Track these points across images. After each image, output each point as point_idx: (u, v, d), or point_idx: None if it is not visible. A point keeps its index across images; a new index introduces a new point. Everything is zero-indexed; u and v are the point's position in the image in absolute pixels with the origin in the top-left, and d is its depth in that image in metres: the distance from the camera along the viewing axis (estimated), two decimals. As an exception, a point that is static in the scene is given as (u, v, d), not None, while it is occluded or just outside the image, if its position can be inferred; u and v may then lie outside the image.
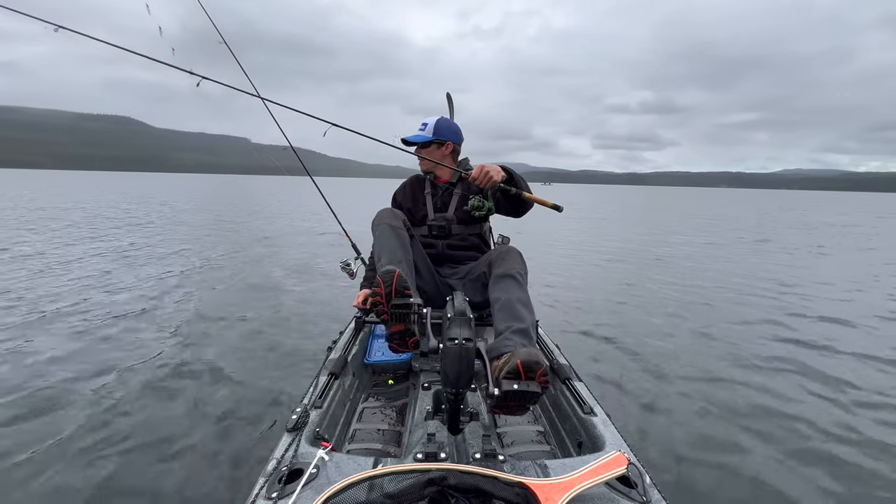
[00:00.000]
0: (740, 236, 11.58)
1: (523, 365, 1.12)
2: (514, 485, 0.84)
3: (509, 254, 1.63)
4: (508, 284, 1.54)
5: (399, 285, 1.25)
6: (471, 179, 1.67)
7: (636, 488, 0.90)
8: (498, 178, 1.64)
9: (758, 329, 3.82)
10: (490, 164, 1.65)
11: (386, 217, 1.71)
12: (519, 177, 1.73)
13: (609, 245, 9.27)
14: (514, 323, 1.40)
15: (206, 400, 2.33)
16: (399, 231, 1.68)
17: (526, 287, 1.57)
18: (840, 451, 2.04)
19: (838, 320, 4.12)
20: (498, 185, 1.64)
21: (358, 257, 2.58)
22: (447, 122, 2.00)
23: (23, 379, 2.47)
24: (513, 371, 1.12)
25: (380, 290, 1.25)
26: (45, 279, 4.65)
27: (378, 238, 1.68)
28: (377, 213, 1.77)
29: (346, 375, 1.56)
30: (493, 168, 1.64)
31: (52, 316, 3.53)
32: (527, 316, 1.44)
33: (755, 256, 8.09)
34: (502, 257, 1.62)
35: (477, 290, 1.77)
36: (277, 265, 5.93)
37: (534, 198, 1.68)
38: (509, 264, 1.58)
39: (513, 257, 1.61)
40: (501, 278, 1.56)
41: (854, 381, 2.76)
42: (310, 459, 0.94)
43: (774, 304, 4.66)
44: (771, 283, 5.73)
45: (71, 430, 2.01)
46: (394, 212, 1.77)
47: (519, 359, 1.12)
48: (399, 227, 1.69)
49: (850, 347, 3.38)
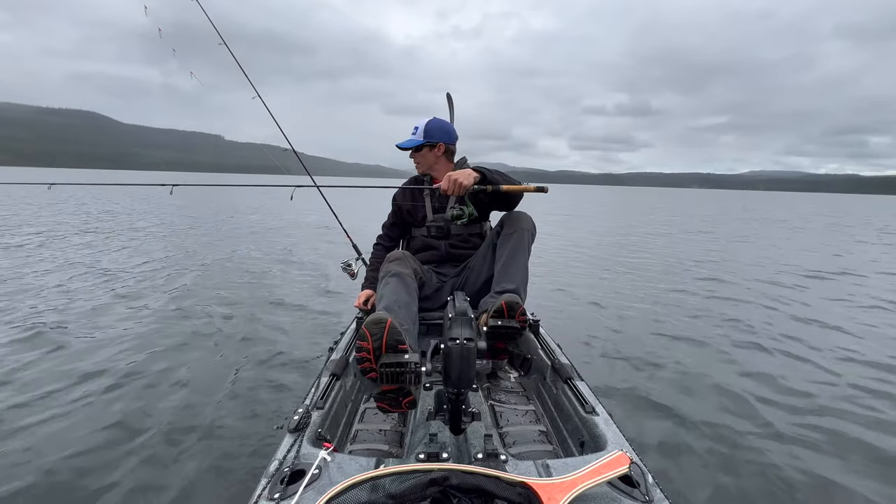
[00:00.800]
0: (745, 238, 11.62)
1: (506, 304, 1.38)
2: (517, 484, 0.84)
3: (521, 215, 1.75)
4: (514, 240, 1.68)
5: (391, 338, 1.10)
6: (442, 192, 1.63)
7: (638, 487, 0.89)
8: (468, 182, 1.59)
9: (756, 327, 3.82)
10: (458, 171, 1.62)
11: (394, 266, 1.64)
12: (494, 172, 1.70)
13: (604, 244, 9.27)
14: (506, 284, 1.60)
15: (206, 401, 2.33)
16: (406, 279, 1.61)
17: (529, 247, 1.72)
18: (854, 444, 2.04)
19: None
20: (471, 188, 1.61)
21: (359, 258, 2.58)
22: (438, 123, 1.99)
23: (28, 374, 2.48)
24: (497, 310, 1.38)
25: (366, 344, 1.09)
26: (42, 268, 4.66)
27: (381, 286, 1.60)
28: (387, 257, 1.72)
29: (348, 376, 1.56)
30: (461, 174, 1.60)
31: (54, 316, 3.53)
32: (518, 276, 1.64)
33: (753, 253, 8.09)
34: (514, 217, 1.74)
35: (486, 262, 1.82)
36: (276, 266, 5.94)
37: (514, 188, 1.67)
38: (519, 223, 1.72)
39: (523, 218, 1.75)
40: (510, 235, 1.70)
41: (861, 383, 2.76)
42: (312, 460, 0.94)
43: (768, 298, 4.66)
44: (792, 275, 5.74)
45: (70, 431, 2.02)
46: (405, 259, 1.70)
47: (503, 300, 1.39)
48: (408, 276, 1.62)
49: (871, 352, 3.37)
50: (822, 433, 2.17)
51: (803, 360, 3.10)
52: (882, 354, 3.23)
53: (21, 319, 3.42)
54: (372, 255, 2.18)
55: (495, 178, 1.68)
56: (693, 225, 15.31)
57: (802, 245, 10.19)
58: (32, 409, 2.20)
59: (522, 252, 1.67)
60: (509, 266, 1.64)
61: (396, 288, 1.53)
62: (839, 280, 6.16)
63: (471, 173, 1.62)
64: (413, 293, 1.58)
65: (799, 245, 10.17)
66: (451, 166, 2.04)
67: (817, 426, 2.23)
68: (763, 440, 2.10)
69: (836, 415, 2.35)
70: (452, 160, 2.05)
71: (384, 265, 1.67)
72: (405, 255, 1.72)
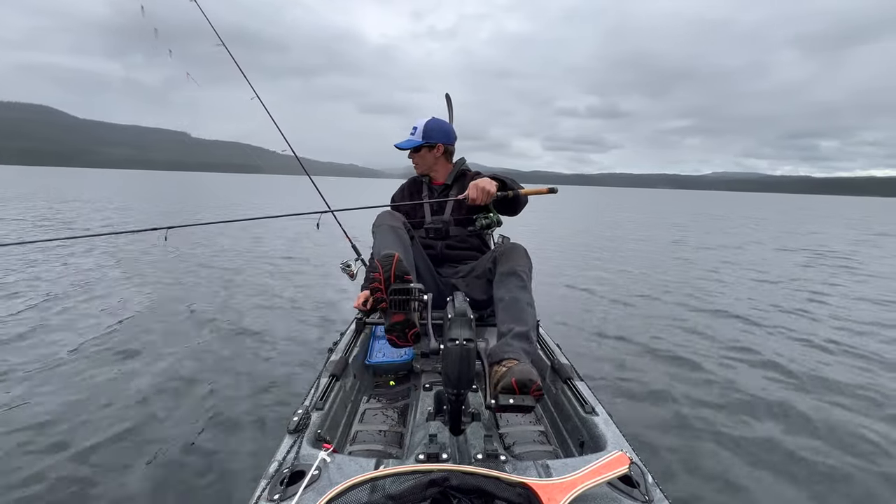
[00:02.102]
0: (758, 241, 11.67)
1: (518, 383, 1.17)
2: (516, 485, 0.83)
3: (515, 251, 1.64)
4: (513, 283, 1.54)
5: (398, 270, 1.21)
6: (470, 202, 1.67)
7: (638, 488, 0.89)
8: (493, 189, 1.64)
9: (754, 324, 3.83)
10: (480, 179, 1.66)
11: (386, 219, 1.71)
12: (508, 178, 1.74)
13: (602, 244, 9.27)
14: (516, 326, 1.42)
15: (205, 401, 2.33)
16: (399, 231, 1.68)
17: (530, 285, 1.58)
18: (850, 452, 2.05)
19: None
20: (495, 195, 1.66)
21: (358, 258, 2.58)
22: (436, 124, 1.99)
23: (32, 371, 2.47)
24: (507, 388, 1.17)
25: (378, 275, 1.21)
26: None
27: (378, 237, 1.67)
28: (377, 216, 1.76)
29: (348, 377, 1.55)
30: (485, 182, 1.64)
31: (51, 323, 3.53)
32: (528, 318, 1.46)
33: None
34: (508, 254, 1.62)
35: (480, 287, 1.77)
36: (274, 265, 5.93)
37: (528, 191, 1.72)
38: (515, 261, 1.59)
39: (518, 254, 1.62)
40: (507, 276, 1.56)
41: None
42: (311, 461, 0.93)
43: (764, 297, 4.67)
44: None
45: (68, 431, 2.02)
46: (393, 214, 1.77)
47: (514, 377, 1.17)
48: (399, 228, 1.68)
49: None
50: (822, 433, 2.17)
51: (804, 360, 3.11)
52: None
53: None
54: (371, 255, 2.18)
55: (512, 184, 1.71)
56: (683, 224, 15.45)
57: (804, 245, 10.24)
58: (33, 409, 2.20)
59: (525, 292, 1.56)
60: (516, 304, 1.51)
61: (393, 240, 1.61)
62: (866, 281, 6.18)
63: (491, 181, 1.65)
64: (407, 244, 1.67)
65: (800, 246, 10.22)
66: (449, 167, 2.04)
67: (817, 426, 2.24)
68: (763, 440, 2.10)
69: (837, 415, 2.36)
70: (451, 161, 2.05)
71: (376, 223, 1.72)
72: (394, 214, 1.75)
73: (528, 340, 1.38)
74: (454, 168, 2.04)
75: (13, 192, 17.72)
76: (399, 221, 1.72)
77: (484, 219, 1.77)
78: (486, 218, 1.76)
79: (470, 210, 1.87)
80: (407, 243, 1.68)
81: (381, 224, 1.69)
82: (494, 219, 1.77)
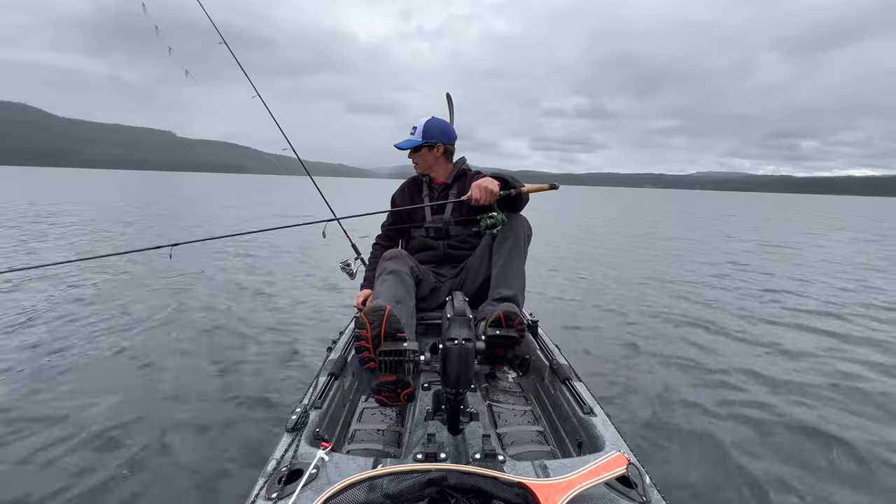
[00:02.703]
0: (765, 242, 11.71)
1: (504, 315, 1.39)
2: (514, 485, 0.83)
3: (517, 219, 1.73)
4: (509, 246, 1.67)
5: (390, 327, 1.12)
6: (474, 203, 1.65)
7: (636, 488, 0.89)
8: (496, 188, 1.63)
9: (752, 323, 3.83)
10: (483, 179, 1.65)
11: (391, 264, 1.65)
12: (510, 177, 1.73)
13: (600, 243, 9.28)
14: (504, 290, 1.60)
15: (204, 400, 2.33)
16: (404, 277, 1.62)
17: (524, 251, 1.72)
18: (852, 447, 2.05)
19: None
20: (499, 195, 1.65)
21: (358, 257, 2.58)
22: (436, 124, 1.99)
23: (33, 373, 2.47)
24: (495, 320, 1.38)
25: (365, 332, 1.11)
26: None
27: (378, 283, 1.61)
28: (383, 255, 1.73)
29: (346, 376, 1.55)
30: (488, 182, 1.63)
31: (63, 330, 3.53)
32: (516, 282, 1.64)
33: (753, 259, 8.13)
34: (510, 220, 1.71)
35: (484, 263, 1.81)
36: (273, 265, 5.93)
37: (531, 189, 1.74)
38: (516, 227, 1.70)
39: (520, 221, 1.73)
40: (506, 240, 1.69)
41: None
42: (309, 460, 0.93)
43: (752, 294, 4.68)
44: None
45: (66, 430, 2.02)
46: (401, 256, 1.71)
47: (500, 311, 1.40)
48: (406, 274, 1.63)
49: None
50: (822, 433, 2.18)
51: (805, 359, 3.11)
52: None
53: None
54: (371, 254, 2.18)
55: (514, 182, 1.72)
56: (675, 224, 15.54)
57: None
58: (35, 409, 2.20)
59: (519, 256, 1.67)
60: (506, 271, 1.63)
61: (393, 285, 1.55)
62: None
63: (494, 180, 1.65)
64: (410, 290, 1.61)
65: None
66: (449, 167, 2.04)
67: (818, 426, 2.24)
68: (763, 441, 2.10)
69: (838, 414, 2.36)
70: (451, 160, 2.05)
71: (381, 263, 1.68)
72: (402, 254, 1.73)
73: (514, 303, 1.55)
74: (454, 168, 2.04)
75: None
76: (406, 266, 1.67)
77: (489, 218, 1.77)
78: (490, 217, 1.77)
79: (473, 210, 1.87)
80: (411, 290, 1.62)
81: (385, 272, 1.62)
82: (499, 218, 1.78)
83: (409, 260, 1.74)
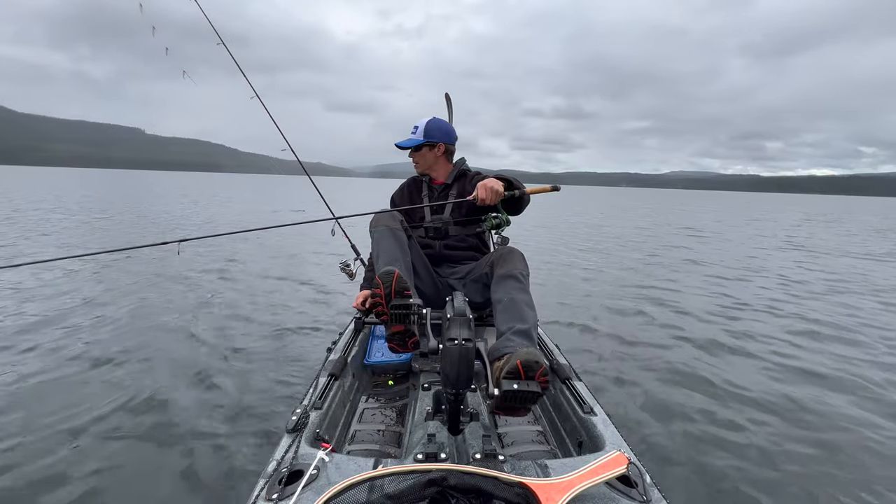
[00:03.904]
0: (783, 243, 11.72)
1: (523, 365, 1.10)
2: (515, 485, 0.84)
3: (511, 254, 1.64)
4: (511, 285, 1.54)
5: (398, 286, 1.25)
6: (479, 203, 1.67)
7: (636, 488, 0.90)
8: (501, 189, 1.65)
9: (751, 324, 3.83)
10: (487, 179, 1.66)
11: (384, 219, 1.71)
12: (513, 178, 1.75)
13: (599, 242, 9.28)
14: (516, 324, 1.39)
15: (204, 401, 2.33)
16: (397, 232, 1.68)
17: (528, 287, 1.57)
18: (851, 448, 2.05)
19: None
20: (503, 195, 1.67)
21: (357, 258, 2.58)
22: (437, 123, 1.99)
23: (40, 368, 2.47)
24: (512, 371, 1.10)
25: (379, 291, 1.25)
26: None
27: (376, 240, 1.68)
28: (374, 216, 1.76)
29: (346, 376, 1.55)
30: (493, 182, 1.65)
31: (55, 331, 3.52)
32: (529, 316, 1.44)
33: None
34: (504, 258, 1.62)
35: (478, 290, 1.77)
36: (273, 263, 5.92)
37: (533, 190, 1.75)
38: (512, 265, 1.59)
39: (515, 258, 1.62)
40: (504, 279, 1.56)
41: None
42: (310, 461, 0.93)
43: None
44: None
45: (66, 430, 2.01)
46: (392, 214, 1.77)
47: (518, 359, 1.10)
48: (397, 229, 1.69)
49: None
50: (823, 433, 2.18)
51: (806, 360, 3.11)
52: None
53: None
54: (370, 255, 2.18)
55: (517, 183, 1.73)
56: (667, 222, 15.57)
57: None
58: (38, 409, 2.20)
59: (524, 293, 1.56)
60: (514, 304, 1.50)
61: (391, 245, 1.64)
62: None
63: (497, 181, 1.66)
64: (405, 247, 1.69)
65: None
66: (450, 167, 2.04)
67: (818, 426, 2.24)
68: (763, 441, 2.10)
69: (838, 414, 2.36)
70: (452, 160, 2.05)
71: (375, 222, 1.72)
72: (392, 214, 1.75)
73: (529, 338, 1.35)
74: (454, 168, 2.04)
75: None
76: (397, 221, 1.72)
77: (493, 218, 1.77)
78: (495, 218, 1.77)
79: (476, 210, 1.88)
80: (404, 244, 1.69)
81: (379, 225, 1.70)
82: (504, 218, 1.78)
83: (399, 216, 1.78)
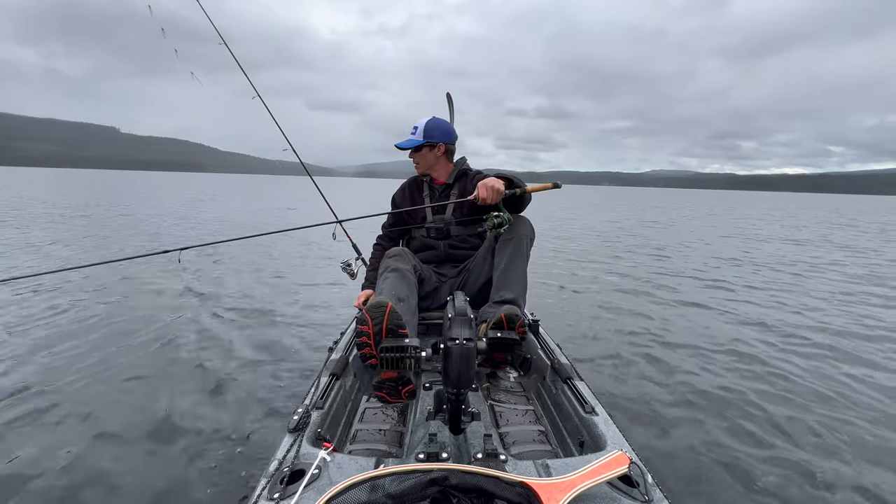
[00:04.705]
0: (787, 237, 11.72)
1: (506, 317, 1.38)
2: (516, 484, 0.83)
3: (520, 220, 1.72)
4: (512, 249, 1.66)
5: (392, 322, 1.12)
6: (481, 202, 1.66)
7: (638, 487, 0.89)
8: (503, 188, 1.65)
9: (750, 325, 3.82)
10: (488, 179, 1.66)
11: (393, 264, 1.66)
12: (514, 176, 1.74)
13: (599, 242, 9.27)
14: (506, 293, 1.60)
15: (206, 401, 2.33)
16: (406, 275, 1.63)
17: (528, 252, 1.71)
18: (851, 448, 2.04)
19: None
20: (505, 194, 1.67)
21: (359, 257, 2.58)
22: (437, 123, 1.99)
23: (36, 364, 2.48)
24: (497, 323, 1.38)
25: (367, 328, 1.12)
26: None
27: (381, 281, 1.63)
28: (386, 253, 1.74)
29: (348, 376, 1.55)
30: (494, 181, 1.65)
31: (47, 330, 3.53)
32: (517, 286, 1.63)
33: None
34: (514, 223, 1.70)
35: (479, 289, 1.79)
36: (273, 263, 5.93)
37: (534, 188, 1.75)
38: (519, 228, 1.69)
39: (523, 223, 1.72)
40: (508, 241, 1.68)
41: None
42: (311, 460, 0.94)
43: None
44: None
45: (66, 431, 2.02)
46: (403, 254, 1.72)
47: (503, 313, 1.40)
48: (408, 271, 1.64)
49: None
50: (824, 434, 2.17)
51: (807, 360, 3.11)
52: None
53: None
54: (372, 254, 2.18)
55: (518, 182, 1.72)
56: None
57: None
58: (38, 409, 2.20)
59: (521, 258, 1.66)
60: (508, 273, 1.63)
61: (396, 282, 1.56)
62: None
63: (500, 180, 1.66)
64: (412, 287, 1.61)
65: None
66: (450, 167, 2.04)
67: (818, 427, 2.23)
68: (764, 441, 2.10)
69: (838, 417, 2.35)
70: (452, 160, 2.05)
71: (383, 261, 1.69)
72: (404, 252, 1.74)
73: (515, 305, 1.54)
74: (455, 167, 2.04)
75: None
76: (408, 263, 1.67)
77: (495, 218, 1.77)
78: (497, 217, 1.77)
79: (478, 210, 1.87)
80: (413, 285, 1.63)
81: (387, 267, 1.64)
82: (506, 217, 1.78)
83: (412, 258, 1.75)
